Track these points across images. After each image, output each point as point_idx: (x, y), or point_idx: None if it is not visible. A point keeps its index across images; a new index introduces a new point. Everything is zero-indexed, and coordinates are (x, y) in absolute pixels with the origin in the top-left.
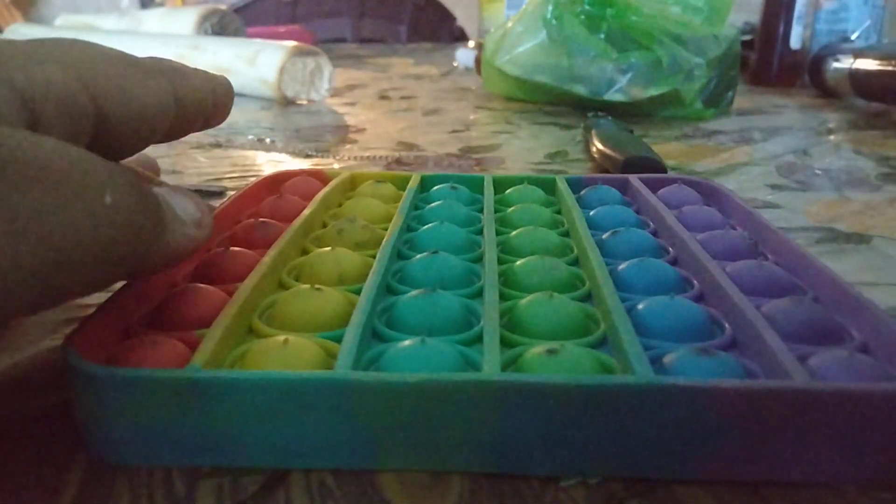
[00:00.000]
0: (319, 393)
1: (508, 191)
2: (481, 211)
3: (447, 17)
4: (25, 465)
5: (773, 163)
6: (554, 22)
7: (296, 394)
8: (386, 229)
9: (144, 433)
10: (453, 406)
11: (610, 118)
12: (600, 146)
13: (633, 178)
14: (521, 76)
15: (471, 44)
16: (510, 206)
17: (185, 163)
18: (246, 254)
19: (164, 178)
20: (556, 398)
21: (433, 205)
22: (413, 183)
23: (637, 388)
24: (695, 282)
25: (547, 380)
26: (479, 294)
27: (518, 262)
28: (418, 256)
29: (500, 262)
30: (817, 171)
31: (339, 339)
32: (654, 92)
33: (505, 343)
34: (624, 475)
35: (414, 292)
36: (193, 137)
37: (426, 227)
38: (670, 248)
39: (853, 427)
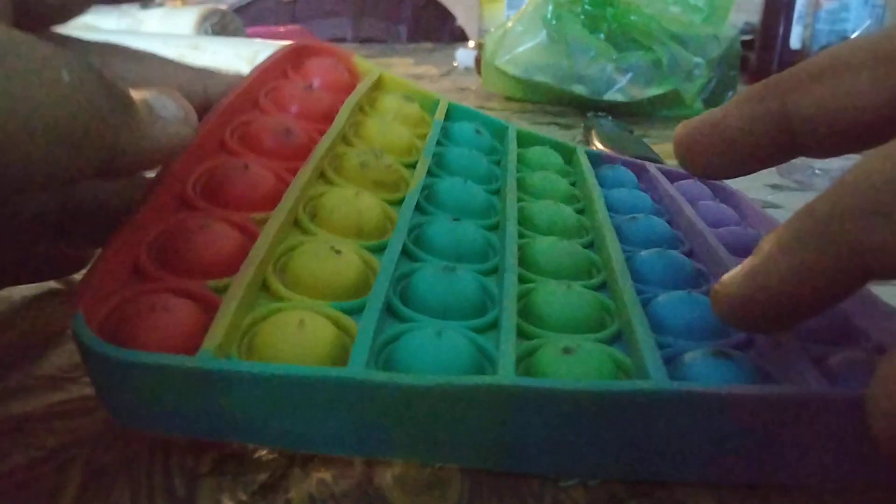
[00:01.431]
0: (332, 389)
1: (529, 150)
2: (499, 163)
3: (447, 17)
4: (25, 465)
5: None
6: (554, 22)
7: (308, 389)
8: (406, 164)
9: (155, 407)
10: (467, 408)
11: (610, 118)
12: (600, 146)
13: (651, 166)
14: (521, 76)
15: (471, 44)
16: (529, 168)
17: None
18: (265, 177)
19: None
20: (570, 403)
21: (456, 151)
22: (440, 114)
23: (651, 394)
24: (711, 277)
25: (561, 385)
26: (495, 270)
27: (536, 243)
28: (440, 221)
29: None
30: (817, 171)
31: (355, 311)
32: (654, 92)
33: (519, 331)
34: (636, 478)
35: (434, 268)
36: None
37: (449, 181)
38: (685, 240)
39: (863, 432)
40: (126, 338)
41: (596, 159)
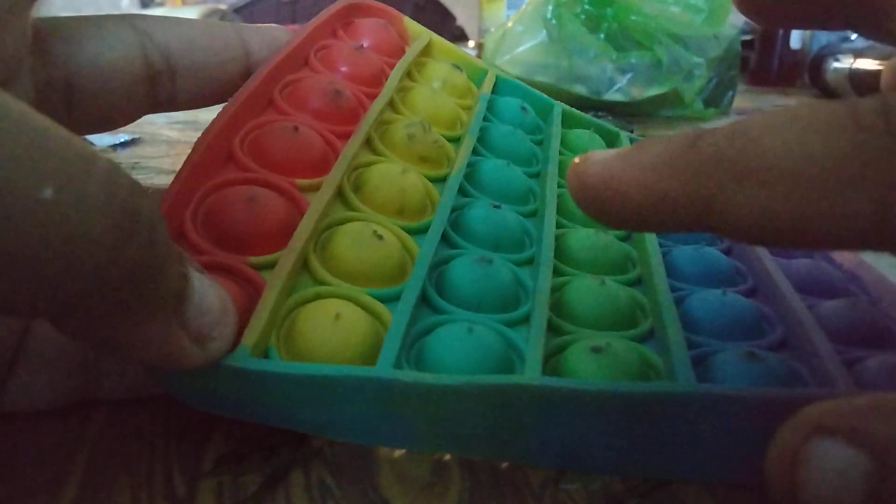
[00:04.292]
0: (361, 387)
1: (572, 132)
2: (540, 143)
3: (447, 17)
4: (25, 465)
5: None
6: (554, 22)
7: (337, 386)
8: (450, 138)
9: (203, 389)
10: (492, 406)
11: (610, 118)
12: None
13: None
14: (521, 76)
15: (471, 44)
16: (571, 151)
17: None
18: (313, 141)
19: (162, 178)
20: (594, 404)
21: (501, 129)
22: (487, 87)
23: (675, 396)
24: (748, 276)
25: (584, 386)
26: (530, 261)
27: (573, 235)
28: (481, 207)
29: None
30: None
31: (391, 299)
32: (654, 92)
33: (550, 327)
34: (662, 478)
35: (471, 259)
36: (193, 137)
37: (492, 163)
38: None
39: None
40: None
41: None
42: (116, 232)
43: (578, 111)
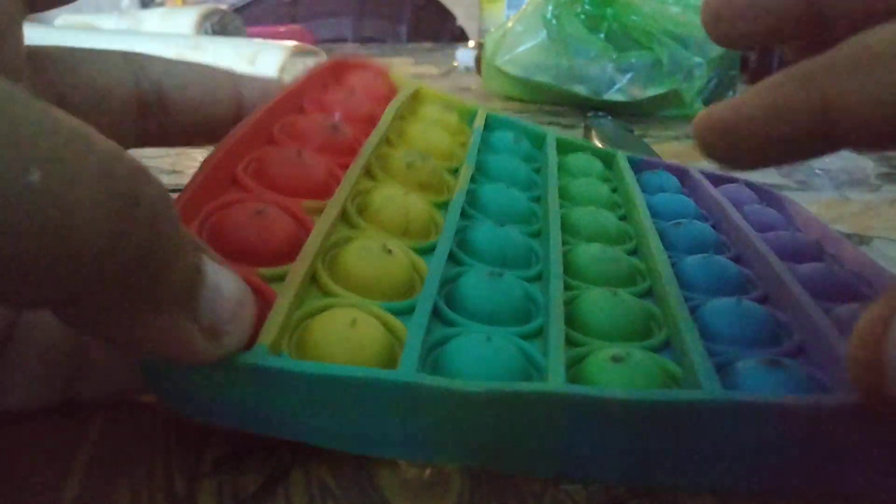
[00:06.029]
0: (384, 392)
1: (569, 157)
2: (538, 171)
3: (447, 17)
4: (25, 465)
5: None
6: (554, 22)
7: (359, 390)
8: (447, 170)
9: (205, 396)
10: (517, 414)
11: (610, 118)
12: (600, 146)
13: (694, 170)
14: (521, 76)
15: (471, 44)
16: (570, 175)
17: (185, 163)
18: (317, 165)
19: (162, 179)
20: (621, 412)
21: (497, 157)
22: (479, 122)
23: (704, 403)
24: (759, 283)
25: (612, 394)
26: (538, 277)
27: (580, 250)
28: (485, 225)
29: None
30: (817, 172)
31: (403, 312)
32: (654, 92)
33: (565, 339)
34: (686, 489)
35: (480, 272)
36: None
37: (491, 186)
38: (731, 245)
39: None
40: None
41: (637, 164)
42: (114, 219)
43: (571, 137)
